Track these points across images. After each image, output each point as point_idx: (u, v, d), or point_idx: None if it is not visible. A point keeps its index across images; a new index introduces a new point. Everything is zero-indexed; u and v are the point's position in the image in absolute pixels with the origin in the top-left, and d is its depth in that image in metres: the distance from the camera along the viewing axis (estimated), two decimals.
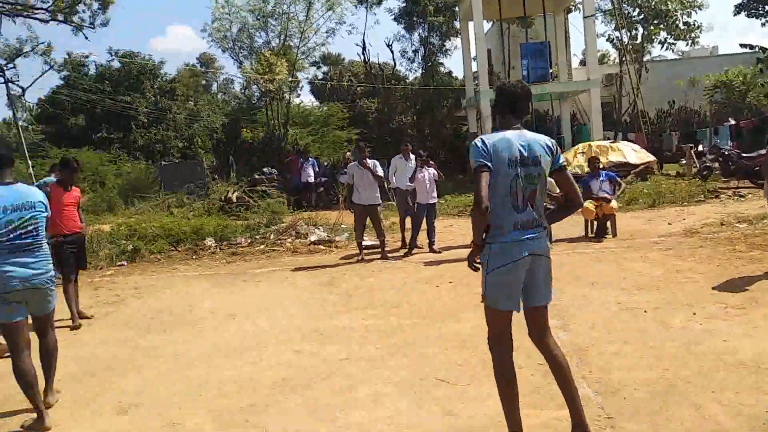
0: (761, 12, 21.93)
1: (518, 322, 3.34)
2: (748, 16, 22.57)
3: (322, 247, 10.56)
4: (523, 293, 3.26)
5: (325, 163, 21.81)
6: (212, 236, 11.25)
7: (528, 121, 23.69)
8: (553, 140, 3.31)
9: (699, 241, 8.62)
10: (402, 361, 4.72)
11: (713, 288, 6.08)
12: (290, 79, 23.29)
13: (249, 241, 11.11)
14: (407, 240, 9.98)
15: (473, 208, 3.11)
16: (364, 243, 9.62)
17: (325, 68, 38.07)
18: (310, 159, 18.79)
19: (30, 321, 4.12)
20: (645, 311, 5.46)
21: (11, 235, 3.87)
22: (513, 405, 3.22)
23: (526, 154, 3.15)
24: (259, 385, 4.40)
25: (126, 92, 31.64)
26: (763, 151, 14.35)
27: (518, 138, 3.19)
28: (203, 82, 43.36)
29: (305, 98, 51.03)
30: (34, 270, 3.96)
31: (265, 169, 18.94)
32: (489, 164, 3.10)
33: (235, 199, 14.87)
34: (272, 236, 11.26)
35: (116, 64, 34.11)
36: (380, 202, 9.59)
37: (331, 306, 6.63)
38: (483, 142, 3.18)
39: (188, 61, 57.34)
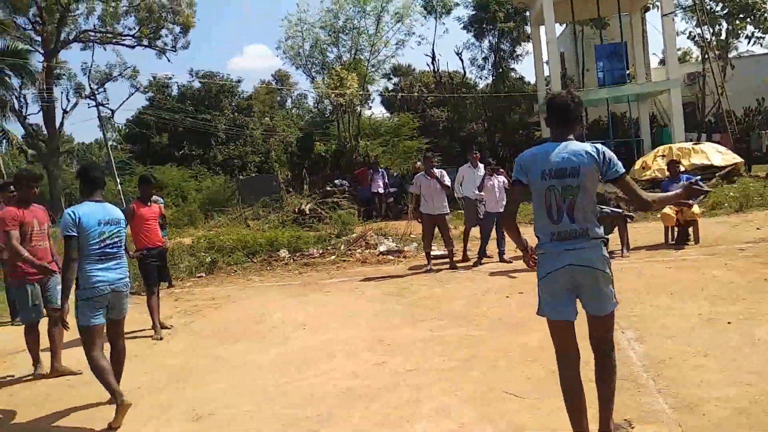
0: None
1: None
2: None
3: (391, 258, 10.61)
4: (581, 301, 3.24)
5: (395, 174, 21.92)
6: (286, 247, 11.54)
7: (603, 124, 22.99)
8: (599, 147, 3.20)
9: None
10: (469, 373, 4.66)
11: None
12: (361, 92, 23.63)
13: (321, 251, 11.32)
14: (468, 252, 9.86)
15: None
16: (432, 253, 9.58)
17: (395, 79, 38.34)
18: (380, 169, 18.87)
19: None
20: (729, 322, 5.14)
21: (102, 245, 4.37)
22: (579, 417, 3.20)
23: (563, 165, 3.15)
24: (326, 396, 4.46)
25: (206, 110, 33.14)
26: None
27: (560, 150, 3.18)
28: (278, 98, 44.72)
29: (376, 109, 51.52)
30: (117, 275, 4.45)
31: (336, 181, 19.27)
32: (522, 179, 3.27)
33: (308, 211, 15.21)
34: (343, 247, 11.43)
35: (197, 84, 35.83)
36: (448, 211, 9.54)
37: (398, 317, 6.64)
38: (521, 156, 3.31)
39: (264, 79, 59.30)
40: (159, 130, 33.59)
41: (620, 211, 8.70)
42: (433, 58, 28.14)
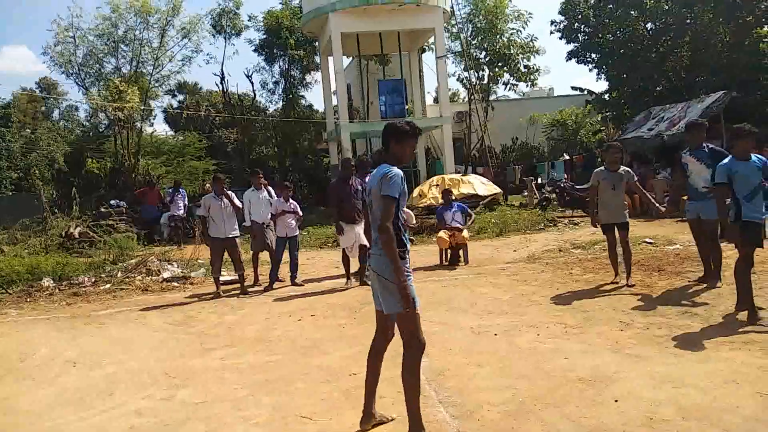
0: (588, 59, 24.62)
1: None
2: (577, 62, 25.22)
3: (177, 285, 10.01)
4: None
5: None
6: (50, 276, 10.25)
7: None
8: (388, 171, 3.67)
9: (541, 267, 9.34)
10: (264, 399, 4.58)
11: (554, 309, 6.62)
12: (142, 107, 22.20)
13: (93, 280, 10.25)
14: (260, 276, 9.78)
15: None
16: (222, 278, 9.28)
17: (180, 97, 36.76)
18: (181, 190, 17.42)
19: None
20: (496, 334, 5.79)
21: None
22: (369, 389, 3.89)
23: (369, 185, 3.86)
24: None
25: None
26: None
27: (375, 172, 3.82)
28: (43, 108, 39.92)
29: (159, 127, 48.77)
30: None
31: (112, 202, 17.76)
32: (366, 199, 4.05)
33: (77, 235, 13.71)
34: (120, 274, 10.48)
35: None
36: (239, 234, 9.34)
37: (186, 346, 6.28)
38: None
39: (26, 85, 52.50)
40: None
41: None
42: (222, 78, 27.57)
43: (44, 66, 61.97)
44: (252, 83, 28.81)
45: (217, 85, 29.19)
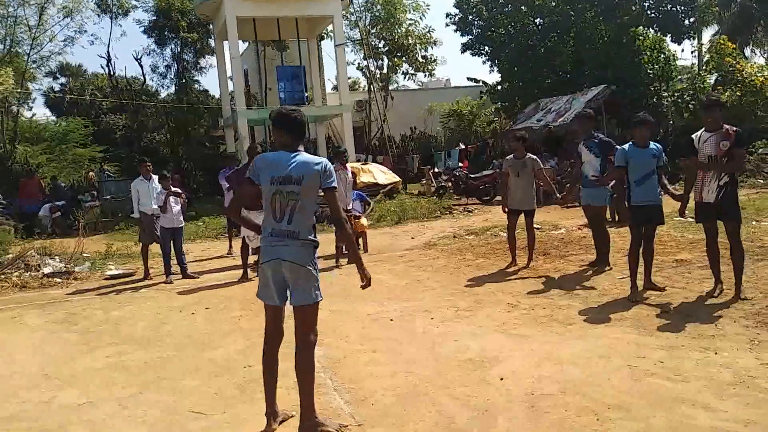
0: (482, 51, 25.42)
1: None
2: (471, 54, 25.96)
3: (59, 280, 9.39)
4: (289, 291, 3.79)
5: (64, 185, 19.62)
6: None
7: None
8: (325, 161, 3.66)
9: (436, 253, 9.61)
10: (153, 397, 4.41)
11: (448, 293, 6.84)
12: (18, 90, 20.52)
13: None
14: (150, 270, 9.30)
15: None
16: (110, 273, 8.79)
17: (63, 79, 34.26)
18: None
19: None
20: (391, 320, 5.91)
21: None
22: (269, 389, 3.69)
23: (290, 174, 3.58)
24: None
25: None
26: (487, 172, 16.71)
27: (290, 159, 3.61)
28: None
29: (39, 111, 45.46)
30: None
31: None
32: (255, 179, 3.67)
33: None
34: None
35: None
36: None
37: (69, 346, 5.92)
38: (257, 159, 3.78)
39: None
40: None
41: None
42: (109, 60, 25.90)
43: None
44: (141, 66, 27.18)
45: (103, 67, 27.42)
